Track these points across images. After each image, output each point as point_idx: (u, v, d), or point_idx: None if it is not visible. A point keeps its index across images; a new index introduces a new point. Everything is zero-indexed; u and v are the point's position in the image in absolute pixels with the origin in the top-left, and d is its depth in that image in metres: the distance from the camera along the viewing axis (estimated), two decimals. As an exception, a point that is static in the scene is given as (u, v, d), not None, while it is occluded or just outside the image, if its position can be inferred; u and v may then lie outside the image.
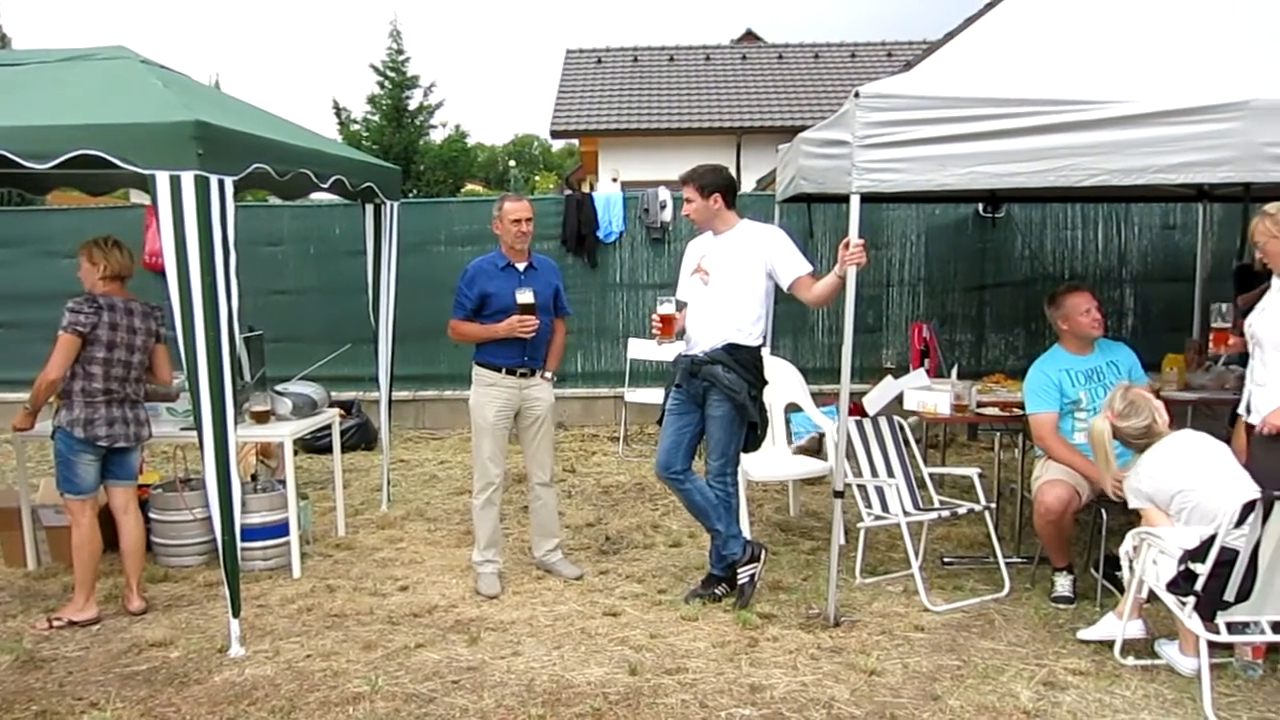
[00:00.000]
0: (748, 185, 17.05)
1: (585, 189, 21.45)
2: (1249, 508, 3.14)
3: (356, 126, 23.24)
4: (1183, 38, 4.30)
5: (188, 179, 3.61)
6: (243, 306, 3.91)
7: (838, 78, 19.28)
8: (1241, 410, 4.05)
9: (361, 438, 7.88)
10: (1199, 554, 3.30)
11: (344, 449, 7.20)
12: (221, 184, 3.74)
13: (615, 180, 18.09)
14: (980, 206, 7.84)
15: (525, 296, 4.50)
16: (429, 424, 8.65)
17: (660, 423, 4.39)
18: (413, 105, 23.38)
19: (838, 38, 21.91)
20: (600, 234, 8.29)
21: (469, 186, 31.53)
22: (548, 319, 4.63)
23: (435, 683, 3.62)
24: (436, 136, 25.44)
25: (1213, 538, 3.26)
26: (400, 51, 23.25)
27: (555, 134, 20.00)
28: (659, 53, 21.47)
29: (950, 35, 9.91)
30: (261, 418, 4.99)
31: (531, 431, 4.69)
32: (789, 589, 4.54)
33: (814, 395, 5.94)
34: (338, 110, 23.31)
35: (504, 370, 4.58)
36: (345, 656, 3.86)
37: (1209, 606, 3.32)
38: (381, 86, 23.19)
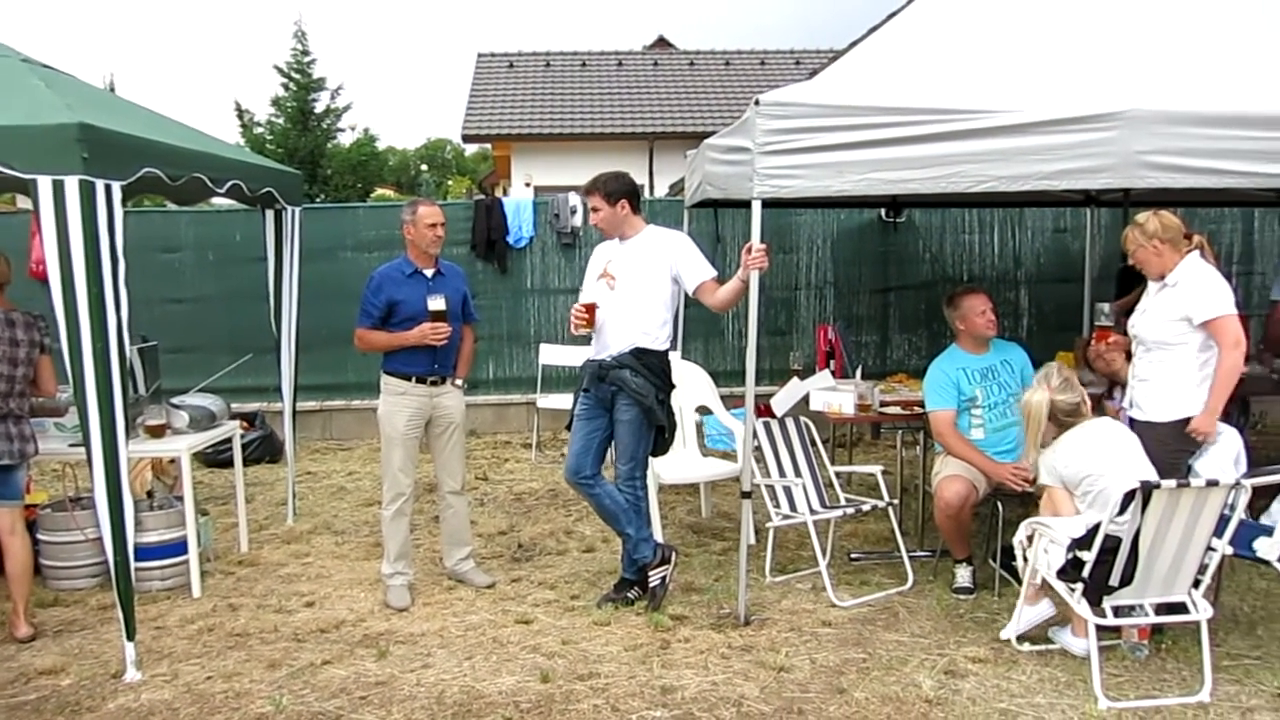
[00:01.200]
0: (660, 190, 17.20)
1: (500, 194, 21.33)
2: (1130, 497, 3.30)
3: (260, 129, 22.64)
4: (1068, 50, 4.50)
5: (72, 184, 3.47)
6: (135, 316, 3.78)
7: (748, 85, 19.56)
8: (1125, 404, 4.26)
9: (266, 450, 7.67)
10: (1085, 542, 3.46)
11: (247, 462, 7.01)
12: (109, 189, 3.61)
13: (529, 185, 18.01)
14: (883, 212, 8.06)
15: (437, 303, 4.45)
16: (337, 435, 8.47)
17: (570, 428, 4.40)
18: (319, 108, 22.89)
19: (748, 45, 22.25)
20: (510, 239, 8.25)
21: (379, 191, 30.98)
22: (457, 325, 4.59)
23: (342, 700, 3.55)
24: (345, 140, 24.98)
25: (1097, 526, 3.42)
26: (305, 53, 22.75)
27: (467, 138, 19.84)
28: (571, 58, 21.47)
29: (855, 44, 10.17)
30: (156, 432, 4.82)
31: (442, 440, 4.64)
32: (701, 590, 4.59)
33: (726, 398, 6.03)
34: (240, 112, 22.69)
35: (414, 379, 4.52)
36: (248, 677, 3.76)
37: (1096, 592, 3.47)
38: (286, 88, 22.65)
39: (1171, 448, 3.87)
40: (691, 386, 5.63)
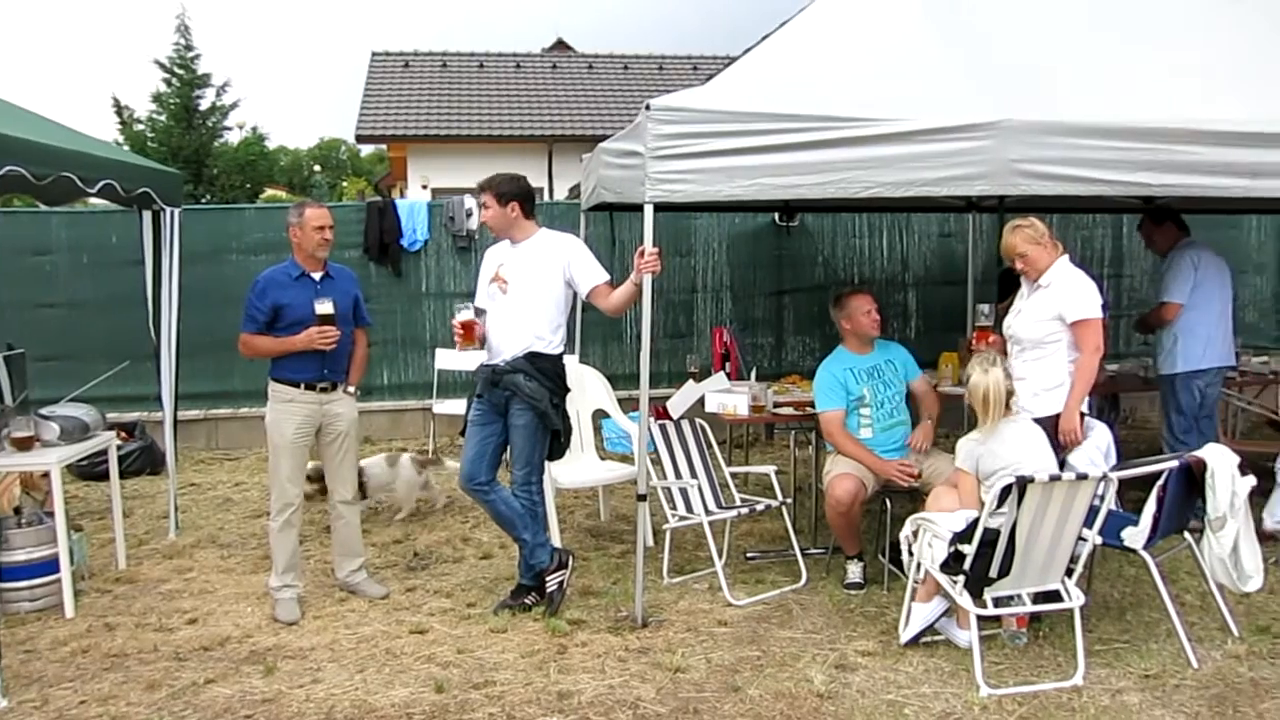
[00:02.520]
0: (560, 193, 17.16)
1: (396, 196, 20.92)
2: (1006, 491, 3.45)
3: (141, 126, 21.63)
4: (949, 61, 4.67)
5: (-78, 183, 3.26)
6: (2, 322, 3.57)
7: (646, 89, 19.66)
8: None
9: (146, 462, 7.34)
10: (966, 535, 3.59)
11: (127, 474, 6.71)
12: (-35, 189, 3.40)
13: (425, 187, 17.74)
14: (776, 216, 8.22)
15: (325, 307, 4.34)
16: (223, 444, 8.17)
17: (464, 434, 4.34)
18: (204, 105, 22.01)
19: (646, 50, 22.40)
20: (404, 242, 8.10)
21: (269, 192, 30.02)
22: (348, 330, 4.49)
23: (227, 719, 3.42)
24: (232, 139, 24.09)
25: (977, 520, 3.56)
26: (189, 47, 21.81)
27: (361, 139, 19.43)
28: (468, 59, 21.24)
29: (749, 51, 10.34)
30: (24, 444, 4.56)
31: (334, 448, 4.53)
32: (599, 593, 4.59)
33: (625, 400, 6.03)
34: (119, 109, 21.64)
35: (302, 385, 4.39)
36: (125, 699, 3.59)
37: (977, 584, 3.61)
38: (168, 84, 21.69)
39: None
40: (589, 390, 5.63)
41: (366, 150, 47.03)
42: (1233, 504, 3.81)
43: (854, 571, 4.62)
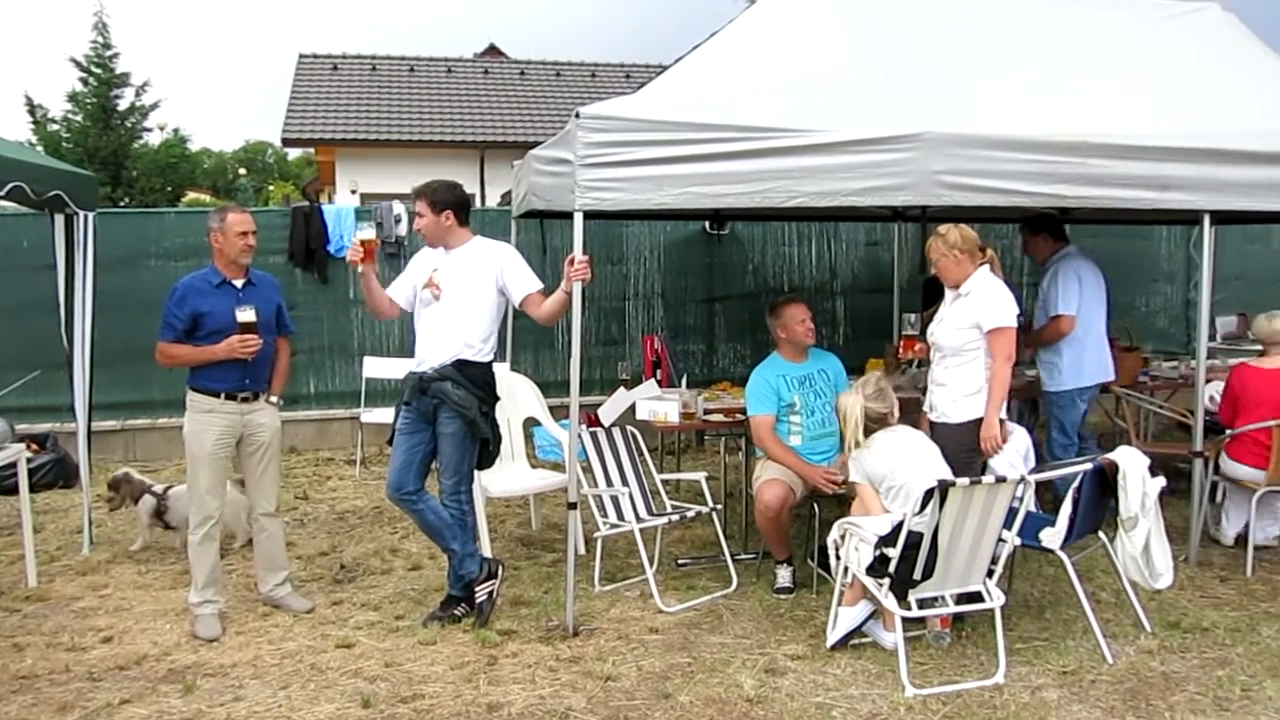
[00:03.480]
0: (492, 200, 17.05)
1: (325, 201, 20.54)
2: (929, 495, 3.52)
3: (55, 127, 20.87)
4: (874, 74, 4.77)
5: None
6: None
7: (579, 96, 19.67)
8: (926, 408, 4.54)
9: (59, 475, 7.06)
10: (890, 539, 3.66)
11: (38, 488, 6.46)
12: None
13: (354, 192, 17.45)
14: (707, 224, 8.28)
15: (247, 314, 4.23)
16: (141, 455, 7.91)
17: (391, 442, 4.28)
18: (123, 105, 21.34)
19: (579, 57, 22.40)
20: (331, 248, 7.94)
21: (192, 195, 29.26)
22: (270, 339, 4.39)
23: (142, 740, 3.31)
24: (153, 140, 23.39)
25: (901, 523, 3.63)
26: (107, 46, 21.12)
27: (287, 142, 19.03)
28: (399, 62, 20.97)
29: (680, 60, 10.41)
30: (-75, 459, 4.36)
31: (255, 459, 4.42)
32: (530, 603, 4.56)
33: (557, 408, 6.01)
34: (32, 108, 20.85)
35: (222, 395, 4.28)
36: (33, 722, 3.45)
37: (901, 586, 3.68)
38: (85, 83, 20.98)
39: (967, 447, 4.17)
40: (520, 398, 5.60)
41: (294, 154, 46.14)
42: (1144, 504, 3.95)
43: (783, 576, 4.67)
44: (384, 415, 7.21)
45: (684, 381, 6.01)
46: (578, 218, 3.99)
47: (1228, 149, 4.62)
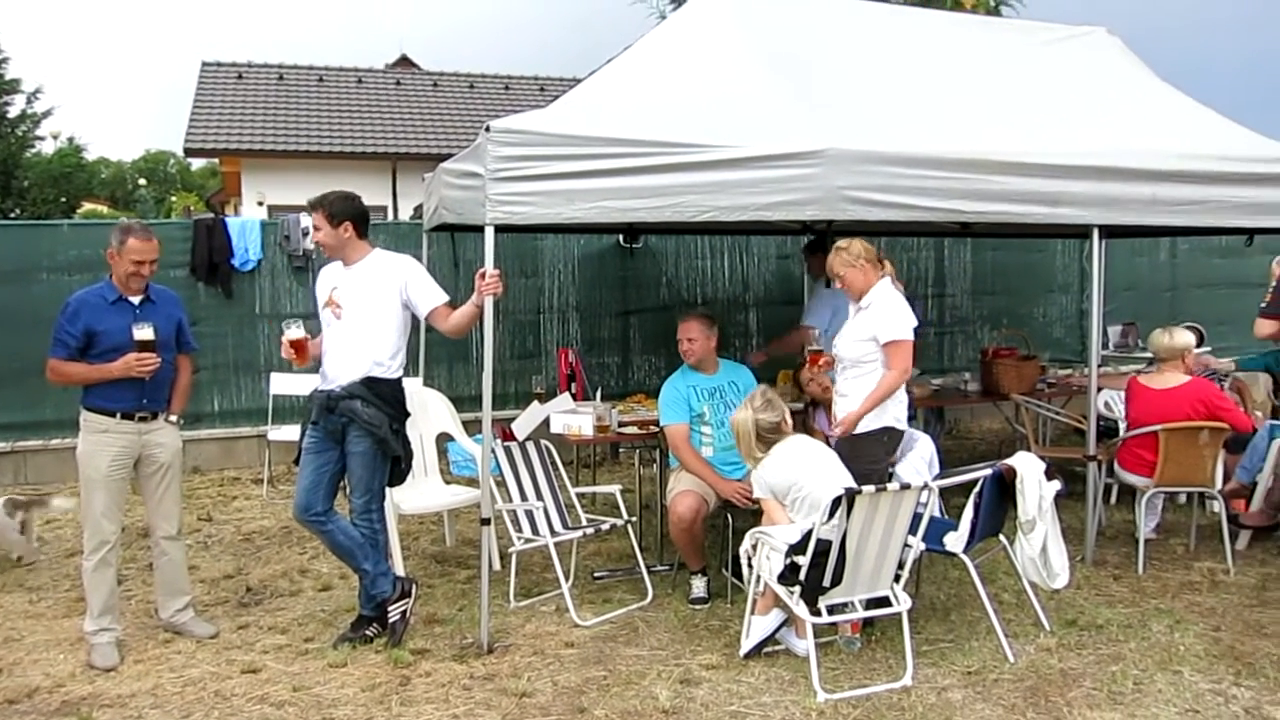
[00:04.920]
0: (405, 213, 16.84)
1: (231, 212, 19.97)
2: (836, 503, 3.60)
3: (-62, 135, 19.86)
4: (782, 91, 4.88)
5: None
6: None
7: (492, 108, 19.59)
8: (833, 417, 4.64)
9: (-57, 500, 6.69)
10: (800, 547, 3.72)
11: (-83, 515, 6.09)
12: None
13: (261, 204, 17.04)
14: (621, 237, 8.32)
15: (144, 332, 4.08)
16: (33, 478, 7.54)
17: (298, 462, 4.18)
18: (13, 112, 20.41)
19: (493, 69, 22.31)
20: (235, 262, 7.71)
21: (88, 206, 28.17)
22: (170, 356, 4.25)
23: (31, 778, 3.16)
24: (46, 149, 22.43)
25: (811, 531, 3.69)
26: (-4, 51, 20.22)
27: (190, 152, 18.52)
28: (307, 72, 20.58)
29: (593, 74, 10.45)
30: None
31: (155, 481, 4.27)
32: (444, 621, 4.50)
33: (472, 423, 5.95)
34: (-88, 116, 19.79)
35: (118, 415, 4.12)
36: (-89, 764, 3.26)
37: (812, 593, 3.75)
38: (-30, 90, 20.02)
39: (870, 457, 4.26)
40: (432, 413, 5.53)
41: (198, 164, 44.78)
42: (1041, 508, 4.10)
43: (698, 586, 4.70)
44: (292, 433, 7.04)
45: (598, 394, 6.01)
46: (488, 231, 3.97)
47: (1114, 166, 4.86)
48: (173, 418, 4.33)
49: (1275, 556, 5.21)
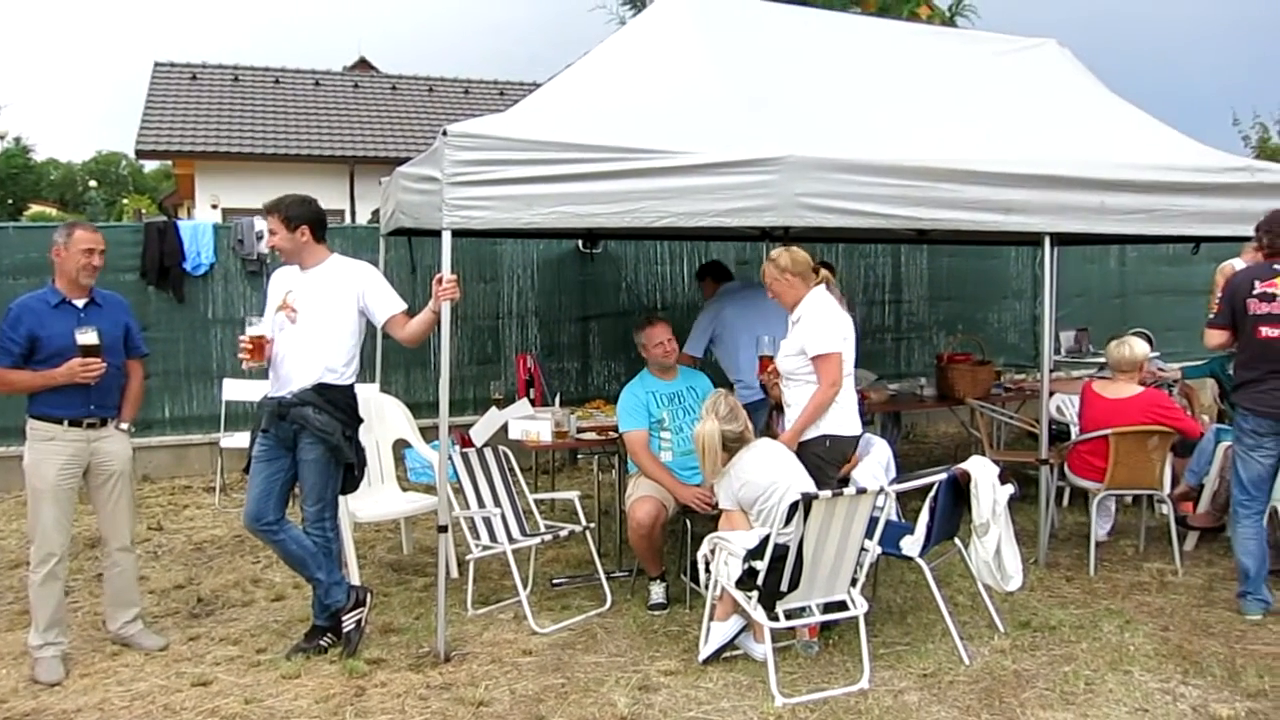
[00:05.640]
0: (363, 217, 16.66)
1: (185, 215, 19.64)
2: (794, 508, 3.62)
3: (-123, 134, 19.33)
4: (741, 97, 4.90)
5: None
6: None
7: (451, 112, 19.48)
8: (782, 427, 4.65)
9: (-120, 511, 6.50)
10: (758, 552, 3.74)
11: None
12: None
13: (215, 207, 16.78)
14: (580, 242, 8.30)
15: (87, 337, 4.00)
16: (-22, 488, 7.35)
17: (248, 471, 4.11)
18: (-44, 113, 19.95)
19: (452, 73, 22.18)
20: (187, 266, 7.57)
21: (36, 208, 27.56)
22: (118, 361, 4.16)
23: (-30, 797, 3.07)
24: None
25: (768, 537, 3.71)
26: (-62, 50, 19.75)
27: (142, 154, 18.19)
28: (263, 73, 20.30)
29: (552, 79, 10.42)
30: None
31: (105, 490, 4.17)
32: (400, 630, 4.45)
33: (429, 429, 5.88)
34: None
35: (66, 422, 4.03)
36: None
37: (769, 597, 3.76)
38: (-88, 89, 19.52)
39: (815, 464, 4.26)
40: (389, 419, 5.48)
41: (151, 166, 44.01)
42: (994, 511, 4.16)
43: (657, 592, 4.70)
44: (245, 440, 6.89)
45: (557, 400, 6.00)
46: (446, 236, 3.94)
47: (1064, 175, 4.95)
48: (123, 425, 4.24)
49: (1221, 557, 5.32)
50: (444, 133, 3.87)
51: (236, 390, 7.15)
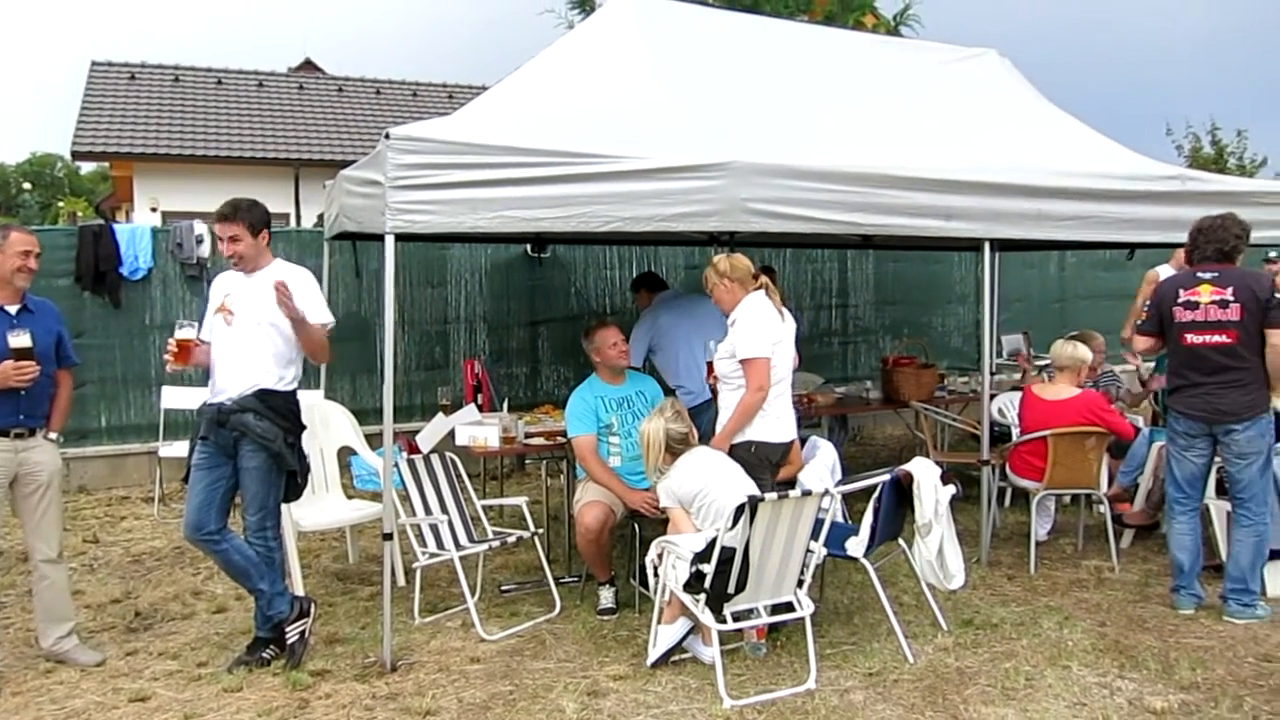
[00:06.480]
0: (308, 220, 16.42)
1: (122, 218, 19.16)
2: (740, 510, 3.64)
3: None
4: (687, 103, 4.93)
5: None
6: None
7: (399, 114, 19.26)
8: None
9: None
10: (705, 555, 3.75)
11: None
12: None
13: (155, 210, 16.39)
14: (528, 247, 8.27)
15: (20, 339, 3.89)
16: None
17: (188, 480, 4.02)
18: (-120, 113, 19.27)
19: (400, 75, 21.95)
20: (124, 271, 7.39)
21: (-34, 212, 26.66)
22: (50, 370, 4.05)
23: (-108, 822, 2.96)
24: (-83, 152, 21.18)
25: (714, 540, 3.73)
26: None
27: (78, 155, 17.70)
28: (205, 74, 19.89)
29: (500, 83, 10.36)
30: None
31: (33, 502, 4.05)
32: (346, 640, 4.38)
33: (376, 436, 5.78)
34: None
35: (-6, 431, 3.91)
36: None
37: (717, 600, 3.78)
38: None
39: (747, 467, 4.27)
40: (334, 426, 5.40)
41: (88, 168, 42.89)
42: (937, 511, 4.22)
43: (606, 597, 4.69)
44: (185, 449, 6.76)
45: (505, 405, 5.96)
46: (388, 240, 3.90)
47: (1003, 183, 5.05)
48: (52, 435, 4.13)
49: (1156, 554, 5.47)
50: (387, 135, 3.83)
51: (175, 398, 7.00)
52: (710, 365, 4.79)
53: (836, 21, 12.71)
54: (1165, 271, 6.97)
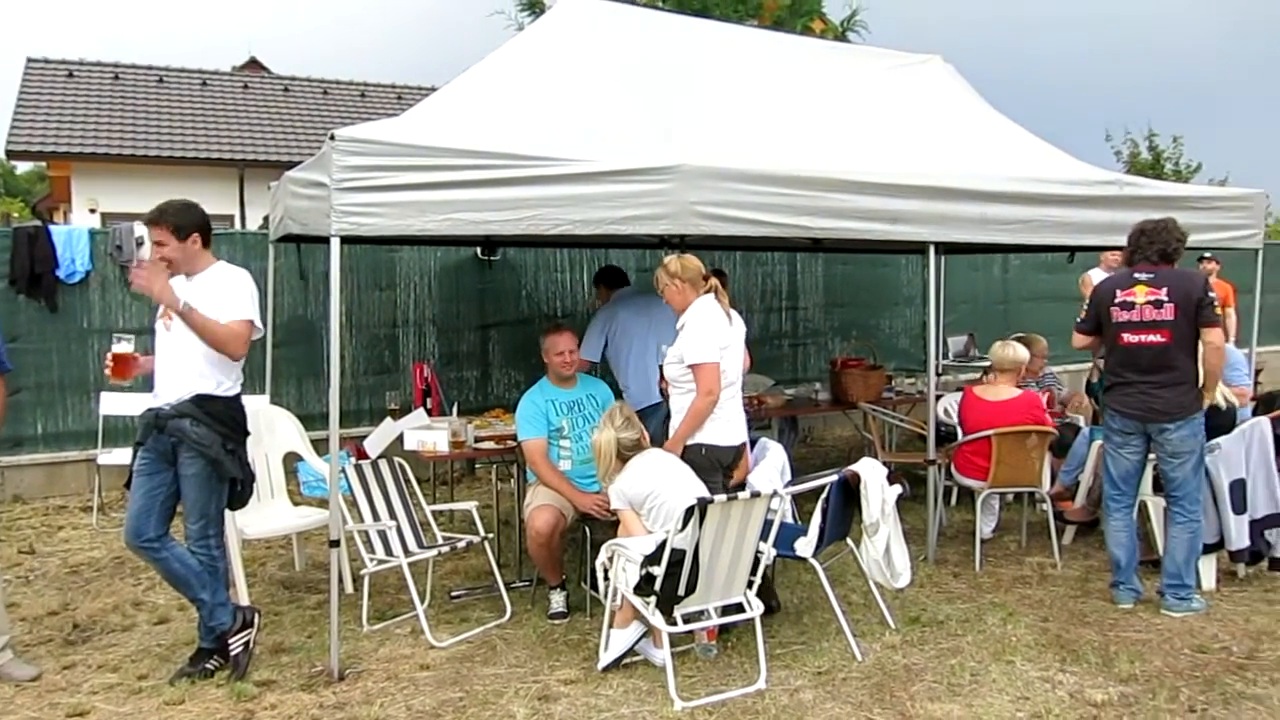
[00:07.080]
0: (253, 222, 16.13)
1: (60, 219, 18.66)
2: (690, 513, 3.65)
3: None
4: (637, 106, 4.94)
5: None
6: None
7: (347, 116, 19.01)
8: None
9: None
10: (655, 558, 3.76)
11: None
12: None
13: (94, 211, 16.00)
14: (478, 250, 8.22)
15: None
16: None
17: (129, 486, 3.93)
18: None
19: (348, 75, 21.67)
20: (61, 273, 7.18)
21: (-108, 213, 25.74)
22: (-19, 377, 3.93)
23: None
24: None
25: (664, 542, 3.73)
26: None
27: (13, 154, 17.18)
28: (145, 72, 19.44)
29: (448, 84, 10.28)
30: None
31: (-37, 511, 3.93)
32: (292, 649, 4.31)
33: (323, 442, 5.72)
34: None
35: (-79, 440, 3.78)
36: None
37: (667, 602, 3.79)
38: None
39: (698, 470, 4.29)
40: (279, 432, 5.31)
41: (24, 168, 41.70)
42: (884, 510, 4.28)
43: (557, 601, 4.68)
44: (125, 456, 6.56)
45: (455, 409, 5.92)
46: (334, 243, 3.84)
47: (948, 187, 5.14)
48: (-17, 443, 4.00)
49: (1097, 550, 5.59)
50: (332, 137, 3.78)
51: (115, 404, 6.82)
52: (663, 370, 4.81)
53: (785, 26, 12.82)
54: (1096, 275, 7.17)
